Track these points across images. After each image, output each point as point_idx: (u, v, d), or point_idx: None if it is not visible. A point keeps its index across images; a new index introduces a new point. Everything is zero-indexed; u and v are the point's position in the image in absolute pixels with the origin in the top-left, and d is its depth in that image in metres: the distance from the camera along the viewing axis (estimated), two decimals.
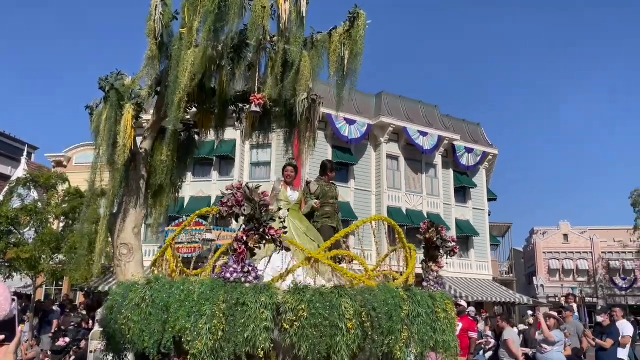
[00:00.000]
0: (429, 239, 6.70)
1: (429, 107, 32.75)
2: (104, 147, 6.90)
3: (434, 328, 5.72)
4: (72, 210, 21.05)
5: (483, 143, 34.08)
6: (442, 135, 30.92)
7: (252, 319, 4.94)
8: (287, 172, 7.38)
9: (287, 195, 7.15)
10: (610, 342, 10.00)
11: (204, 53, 6.55)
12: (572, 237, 48.83)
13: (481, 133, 35.08)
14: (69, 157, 30.94)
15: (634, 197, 35.19)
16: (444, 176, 31.95)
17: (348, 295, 5.17)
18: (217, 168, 26.67)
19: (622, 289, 43.58)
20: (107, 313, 5.92)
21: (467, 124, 34.65)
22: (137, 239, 7.37)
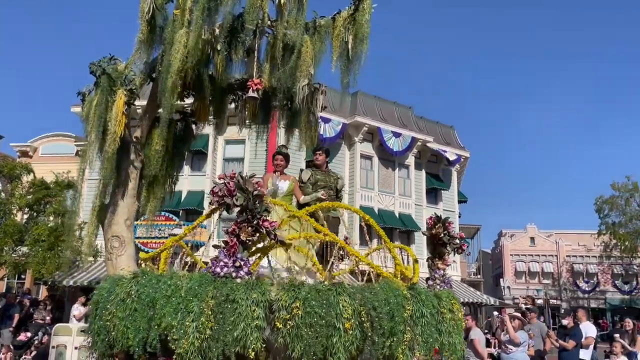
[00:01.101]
0: (435, 235, 6.31)
1: (403, 108, 32.91)
2: (93, 135, 6.58)
3: (440, 329, 5.35)
4: (36, 202, 20.65)
5: (455, 145, 34.31)
6: (415, 136, 31.00)
7: (243, 317, 4.59)
8: (277, 161, 6.86)
9: (275, 184, 6.62)
10: (573, 344, 10.09)
11: (197, 34, 6.21)
12: (538, 240, 49.49)
13: (454, 135, 35.35)
14: (35, 147, 29.86)
15: (598, 204, 35.45)
16: (416, 177, 32.14)
17: (346, 292, 4.79)
18: (188, 163, 26.00)
19: (585, 292, 44.38)
20: (93, 308, 5.60)
21: (440, 126, 34.91)
22: (129, 232, 7.05)
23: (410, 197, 31.23)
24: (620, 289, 43.20)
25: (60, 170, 24.08)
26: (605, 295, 43.48)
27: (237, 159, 26.80)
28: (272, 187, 6.53)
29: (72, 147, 28.42)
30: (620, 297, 42.88)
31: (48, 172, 23.42)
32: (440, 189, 33.17)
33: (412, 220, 29.50)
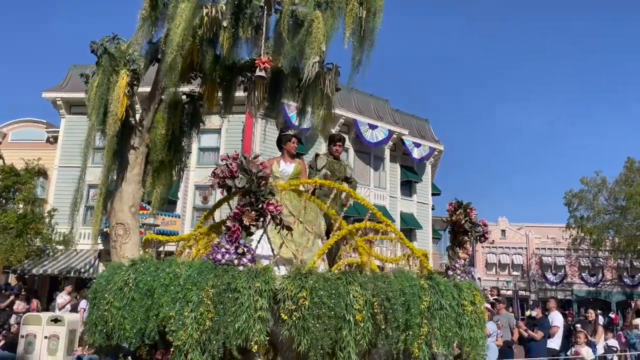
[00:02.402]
0: (455, 221, 5.88)
1: (379, 101, 32.74)
2: (93, 116, 6.28)
3: (460, 323, 4.93)
4: (5, 189, 20.44)
5: (430, 139, 34.24)
6: (391, 129, 30.91)
7: (245, 308, 4.25)
8: (294, 144, 6.46)
9: (279, 169, 6.26)
10: (541, 334, 10.32)
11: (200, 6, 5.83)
12: (509, 233, 49.82)
13: (428, 129, 35.30)
14: (4, 132, 28.80)
15: (568, 198, 35.63)
16: (391, 169, 32.07)
17: (357, 282, 4.41)
18: None
19: (553, 284, 45.02)
20: (91, 298, 5.31)
21: (415, 120, 34.84)
22: (134, 219, 6.75)
23: (385, 189, 31.39)
24: (587, 281, 44.14)
25: (31, 157, 24.02)
26: (572, 287, 44.26)
27: (212, 149, 26.60)
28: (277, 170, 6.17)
29: (43, 134, 28.12)
30: (586, 289, 43.73)
31: (18, 159, 23.26)
32: (415, 182, 33.41)
33: (386, 212, 29.25)
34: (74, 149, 25.99)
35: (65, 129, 26.71)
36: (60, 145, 26.55)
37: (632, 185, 31.60)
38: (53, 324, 10.16)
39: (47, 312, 12.40)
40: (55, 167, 26.14)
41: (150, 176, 7.27)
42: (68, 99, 26.44)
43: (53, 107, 26.89)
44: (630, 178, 32.35)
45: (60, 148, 26.49)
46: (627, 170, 32.84)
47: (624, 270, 41.87)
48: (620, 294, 41.63)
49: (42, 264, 22.51)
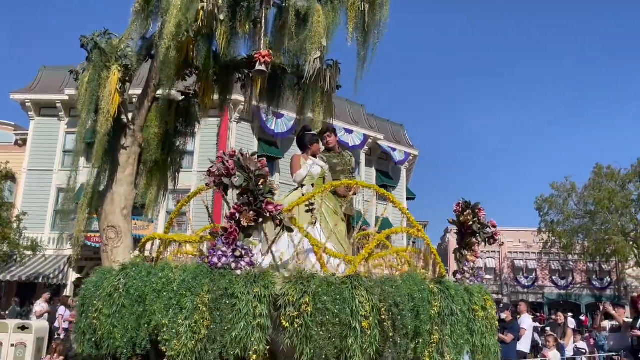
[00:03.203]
0: (463, 222, 5.59)
1: (355, 106, 32.70)
2: (84, 114, 6.00)
3: (472, 329, 4.64)
4: None
5: (405, 144, 34.38)
6: (367, 134, 30.96)
7: (243, 315, 3.96)
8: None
9: (309, 168, 5.81)
10: (511, 337, 10.20)
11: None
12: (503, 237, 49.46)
13: (404, 134, 35.46)
14: None
15: (539, 202, 36.01)
16: (367, 174, 32.00)
17: (364, 286, 4.12)
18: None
19: (525, 287, 45.44)
20: (79, 305, 5.00)
21: (390, 124, 34.94)
22: (127, 221, 6.47)
23: (360, 194, 31.30)
24: (557, 284, 44.50)
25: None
26: (544, 290, 44.52)
27: (187, 153, 26.12)
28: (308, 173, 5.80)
29: (12, 136, 27.62)
30: (557, 292, 44.04)
31: None
32: (390, 186, 33.26)
33: (360, 216, 29.10)
34: (44, 152, 25.55)
35: (34, 131, 26.03)
36: (29, 148, 25.92)
37: (601, 190, 31.90)
38: (20, 331, 9.87)
39: (14, 320, 12.00)
40: (24, 170, 25.59)
41: (143, 177, 6.98)
42: (38, 101, 25.81)
43: (22, 109, 26.33)
44: (599, 183, 32.70)
45: (29, 151, 25.88)
46: (596, 175, 33.23)
47: (593, 274, 42.46)
48: (589, 297, 42.05)
49: (9, 270, 22.07)
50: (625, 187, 31.80)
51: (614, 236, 30.95)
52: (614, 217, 31.30)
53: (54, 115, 25.57)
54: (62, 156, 25.53)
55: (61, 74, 25.37)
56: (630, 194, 31.46)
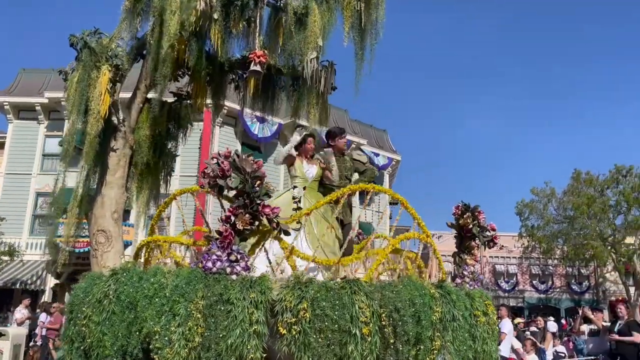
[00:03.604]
0: (463, 225, 5.48)
1: (339, 111, 32.53)
2: (74, 114, 5.82)
3: (473, 335, 4.52)
4: None
5: (387, 149, 34.45)
6: (350, 139, 30.37)
7: (239, 321, 3.81)
8: (308, 145, 5.90)
9: (303, 170, 5.72)
10: None
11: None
12: None
13: (386, 139, 35.54)
14: None
15: (519, 207, 36.33)
16: None
17: (363, 291, 3.98)
18: None
19: (505, 291, 45.67)
20: (67, 311, 4.83)
21: (374, 130, 35.00)
22: (117, 226, 6.29)
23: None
24: (537, 289, 44.69)
25: None
26: (524, 294, 44.73)
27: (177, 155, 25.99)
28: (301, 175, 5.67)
29: None
30: (537, 296, 44.28)
31: None
32: None
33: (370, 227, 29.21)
34: (22, 155, 25.07)
35: (12, 134, 25.36)
36: (7, 151, 25.19)
37: (579, 196, 32.29)
38: None
39: None
40: (2, 174, 25.12)
41: (135, 180, 6.81)
42: (16, 104, 25.10)
43: (0, 112, 25.77)
44: (577, 189, 33.09)
45: (7, 154, 25.15)
46: (574, 181, 33.64)
47: (572, 278, 42.83)
48: (568, 301, 42.38)
49: None
50: (603, 192, 32.16)
51: (592, 241, 31.36)
52: (592, 222, 31.64)
53: (33, 119, 25.03)
54: (41, 160, 25.07)
55: (41, 76, 25.08)
56: (608, 200, 31.79)
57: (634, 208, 30.74)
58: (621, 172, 31.58)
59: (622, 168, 31.56)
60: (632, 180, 31.16)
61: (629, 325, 8.78)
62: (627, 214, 31.17)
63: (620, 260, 31.30)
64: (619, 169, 31.66)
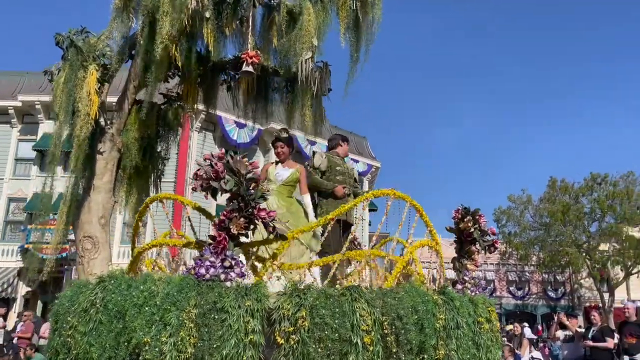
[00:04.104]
0: (463, 230, 5.33)
1: None
2: (61, 116, 5.61)
3: (477, 343, 4.35)
4: None
5: (367, 156, 34.49)
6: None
7: (234, 331, 3.61)
8: (277, 149, 5.78)
9: (274, 172, 5.56)
10: None
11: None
12: (442, 248, 50.19)
13: (366, 146, 35.59)
14: None
15: (497, 214, 36.89)
16: None
17: (364, 298, 3.81)
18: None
19: None
20: (52, 322, 4.60)
21: (353, 136, 34.68)
22: (104, 231, 6.07)
23: None
24: (514, 295, 44.96)
25: None
26: (501, 300, 44.87)
27: None
28: (272, 174, 5.55)
29: None
30: (514, 302, 44.53)
31: None
32: None
33: None
34: None
35: None
36: None
37: (555, 203, 32.70)
38: None
39: None
40: None
41: (123, 184, 6.59)
42: None
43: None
44: (553, 196, 33.52)
45: None
46: (550, 188, 34.05)
47: (548, 284, 43.18)
48: (544, 307, 42.66)
49: None
50: (578, 200, 32.55)
51: (567, 248, 31.74)
52: (567, 229, 32.02)
53: (5, 122, 24.42)
54: (13, 164, 24.48)
55: (15, 79, 24.50)
56: (583, 207, 32.17)
57: (608, 215, 31.16)
58: (596, 180, 32.00)
59: (597, 176, 31.99)
60: (606, 188, 31.61)
61: (603, 331, 8.85)
62: (602, 221, 31.60)
63: (595, 267, 31.63)
64: (594, 177, 32.08)
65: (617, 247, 30.92)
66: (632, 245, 29.82)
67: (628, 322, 8.50)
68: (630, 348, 8.14)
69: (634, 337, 8.13)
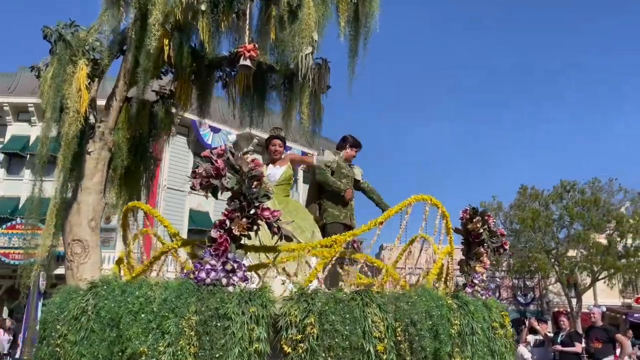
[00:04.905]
0: (471, 230, 5.12)
1: (295, 123, 32.36)
2: (49, 113, 5.32)
3: (492, 350, 4.12)
4: None
5: None
6: (304, 151, 29.72)
7: (237, 339, 3.36)
8: (275, 147, 5.62)
9: (265, 174, 5.30)
10: None
11: None
12: (415, 254, 50.85)
13: None
14: None
15: None
16: (304, 190, 31.25)
17: (376, 303, 3.57)
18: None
19: None
20: (40, 330, 4.31)
21: (329, 142, 34.73)
22: (94, 235, 5.78)
23: None
24: None
25: None
26: None
27: None
28: None
29: None
30: None
31: None
32: None
33: None
34: None
35: None
36: None
37: (525, 210, 32.98)
38: None
39: None
40: None
41: (115, 185, 6.31)
42: None
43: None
44: (523, 203, 33.82)
45: None
46: (520, 195, 34.34)
47: (518, 290, 43.56)
48: (515, 312, 43.04)
49: None
50: (547, 207, 32.87)
51: (537, 254, 31.98)
52: (537, 235, 32.28)
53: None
54: None
55: None
56: (552, 214, 32.50)
57: (576, 222, 31.54)
58: (565, 188, 32.30)
59: (567, 183, 32.25)
60: (575, 196, 31.95)
61: (571, 335, 9.09)
62: (570, 228, 31.96)
63: (563, 273, 31.92)
64: (564, 184, 32.34)
65: (585, 253, 31.37)
66: (599, 251, 30.34)
67: (594, 327, 8.62)
68: (596, 352, 8.28)
69: (600, 342, 8.28)
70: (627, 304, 35.44)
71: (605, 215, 31.06)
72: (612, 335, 8.43)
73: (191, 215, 26.11)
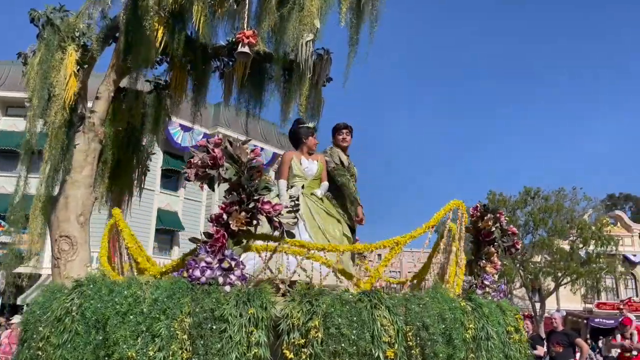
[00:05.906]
0: (482, 229, 4.84)
1: (267, 124, 31.61)
2: (35, 101, 5.02)
3: (507, 355, 3.85)
4: None
5: (274, 144, 33.87)
6: (277, 152, 30.39)
7: (235, 344, 3.09)
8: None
9: (301, 167, 5.04)
10: None
11: None
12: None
13: (275, 132, 34.52)
14: None
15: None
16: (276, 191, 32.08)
17: (385, 304, 3.29)
18: None
19: None
20: (21, 332, 4.01)
21: (262, 122, 34.64)
22: (83, 231, 5.48)
23: None
24: None
25: None
26: None
27: None
28: (298, 167, 5.01)
29: None
30: None
31: None
32: None
33: None
34: None
35: None
36: None
37: None
38: None
39: None
40: None
41: (105, 179, 6.01)
42: None
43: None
44: None
45: None
46: (489, 201, 34.45)
47: None
48: None
49: None
50: (514, 213, 32.85)
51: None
52: None
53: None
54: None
55: None
56: (517, 220, 32.51)
57: (540, 228, 31.76)
58: (530, 194, 32.42)
59: (530, 190, 32.37)
60: (539, 202, 32.14)
61: (533, 339, 8.93)
62: (534, 234, 32.15)
63: (528, 278, 32.10)
64: (527, 190, 32.44)
65: (549, 259, 31.70)
66: (562, 257, 30.72)
67: (555, 331, 8.61)
68: (557, 356, 8.30)
69: (560, 346, 8.31)
70: (588, 309, 35.92)
71: (568, 222, 31.49)
72: (572, 340, 8.46)
73: (159, 215, 25.75)
